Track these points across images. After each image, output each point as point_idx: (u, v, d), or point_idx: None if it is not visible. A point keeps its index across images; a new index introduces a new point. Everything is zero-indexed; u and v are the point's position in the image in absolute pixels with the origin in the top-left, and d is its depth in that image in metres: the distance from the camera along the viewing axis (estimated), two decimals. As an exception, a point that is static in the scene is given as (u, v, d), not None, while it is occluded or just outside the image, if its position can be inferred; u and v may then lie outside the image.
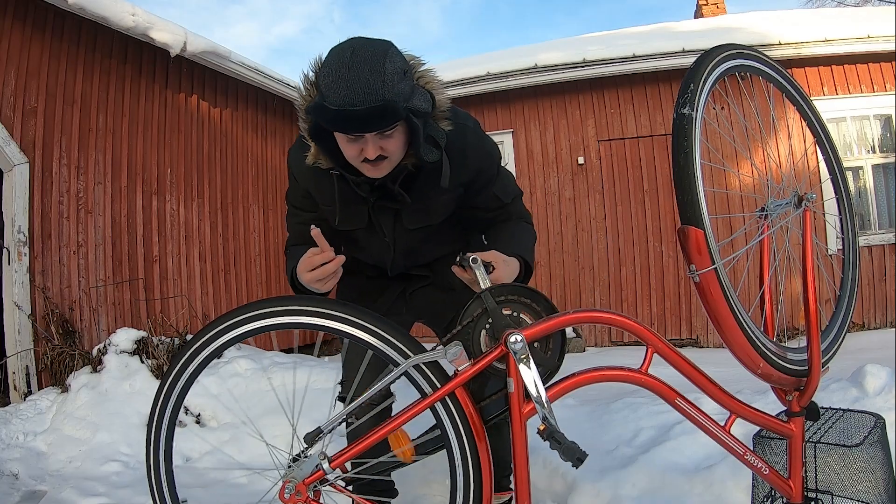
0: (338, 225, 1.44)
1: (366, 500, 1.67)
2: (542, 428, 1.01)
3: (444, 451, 1.12)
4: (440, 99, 1.28)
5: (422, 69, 1.28)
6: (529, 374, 1.04)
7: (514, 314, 1.12)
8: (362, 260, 1.59)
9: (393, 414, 1.16)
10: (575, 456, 0.98)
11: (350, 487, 1.42)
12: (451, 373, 1.12)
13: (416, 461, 1.18)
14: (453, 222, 1.50)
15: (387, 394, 1.54)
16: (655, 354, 1.09)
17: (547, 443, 1.02)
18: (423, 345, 1.14)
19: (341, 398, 1.57)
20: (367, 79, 1.09)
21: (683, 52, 5.53)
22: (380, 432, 1.12)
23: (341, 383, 1.64)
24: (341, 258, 1.25)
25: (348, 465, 1.19)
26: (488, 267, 1.22)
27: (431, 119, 1.27)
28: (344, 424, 1.18)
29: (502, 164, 1.50)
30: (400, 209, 1.41)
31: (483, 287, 1.14)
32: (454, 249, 1.53)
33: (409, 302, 1.62)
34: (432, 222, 1.44)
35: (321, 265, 1.24)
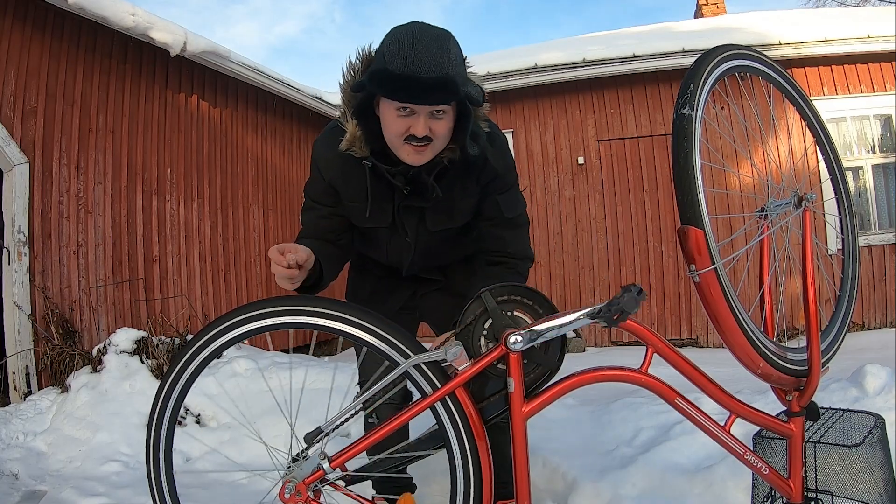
0: (362, 223, 1.44)
1: (382, 498, 1.71)
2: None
3: (445, 450, 1.12)
4: (482, 103, 1.31)
5: (470, 69, 1.30)
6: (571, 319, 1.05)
7: (515, 314, 1.12)
8: (376, 259, 1.59)
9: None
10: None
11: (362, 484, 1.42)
12: (451, 373, 1.12)
13: None
14: (469, 227, 1.51)
15: (405, 393, 1.55)
16: (655, 354, 1.09)
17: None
18: (424, 345, 1.14)
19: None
20: (434, 52, 1.13)
21: (683, 52, 5.53)
22: (381, 431, 1.12)
23: (360, 384, 1.66)
24: (293, 272, 1.23)
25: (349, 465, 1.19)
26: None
27: (475, 116, 1.29)
28: (351, 422, 1.18)
29: (518, 187, 1.51)
30: (425, 210, 1.41)
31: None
32: (468, 255, 1.54)
33: (419, 304, 1.63)
34: (454, 224, 1.45)
35: (276, 262, 1.22)
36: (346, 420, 1.14)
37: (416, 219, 1.43)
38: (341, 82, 1.31)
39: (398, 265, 1.54)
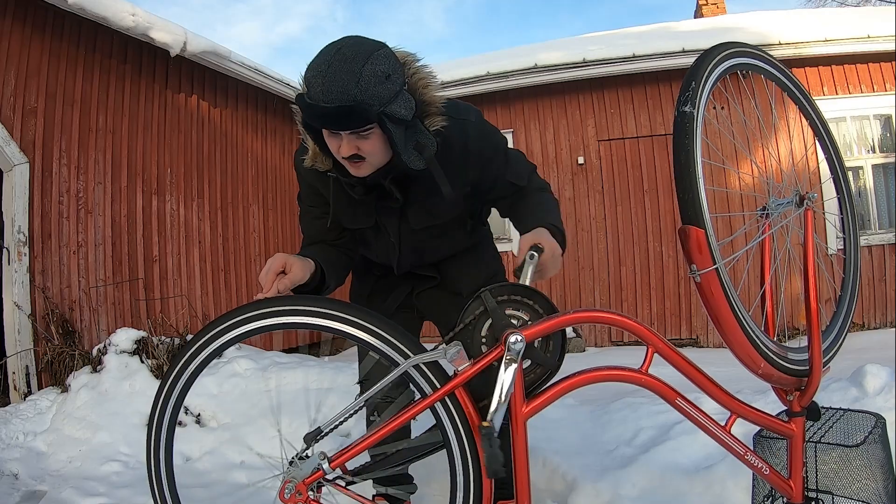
0: (346, 225, 1.46)
1: (383, 497, 1.71)
2: (486, 424, 1.00)
3: (444, 450, 1.12)
4: (432, 96, 1.27)
5: (416, 65, 1.26)
6: (507, 377, 1.03)
7: (515, 314, 1.12)
8: (371, 259, 1.60)
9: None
10: (494, 465, 0.98)
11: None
12: (451, 373, 1.12)
13: None
14: (461, 221, 1.50)
15: (408, 395, 1.55)
16: (655, 354, 1.09)
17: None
18: (424, 345, 1.14)
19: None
20: (342, 78, 1.10)
21: (683, 52, 5.53)
22: (380, 431, 1.12)
23: (361, 383, 1.66)
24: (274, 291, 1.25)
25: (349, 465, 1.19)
26: (539, 250, 1.19)
27: (421, 123, 1.25)
28: (351, 422, 1.19)
29: (511, 148, 1.49)
30: (405, 209, 1.40)
31: (525, 280, 1.14)
32: (462, 249, 1.54)
33: (417, 302, 1.63)
34: (438, 222, 1.44)
35: (266, 278, 1.24)
36: (346, 419, 1.14)
37: (396, 219, 1.43)
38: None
39: (389, 264, 1.55)
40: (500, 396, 1.02)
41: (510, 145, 1.50)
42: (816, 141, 1.48)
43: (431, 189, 1.34)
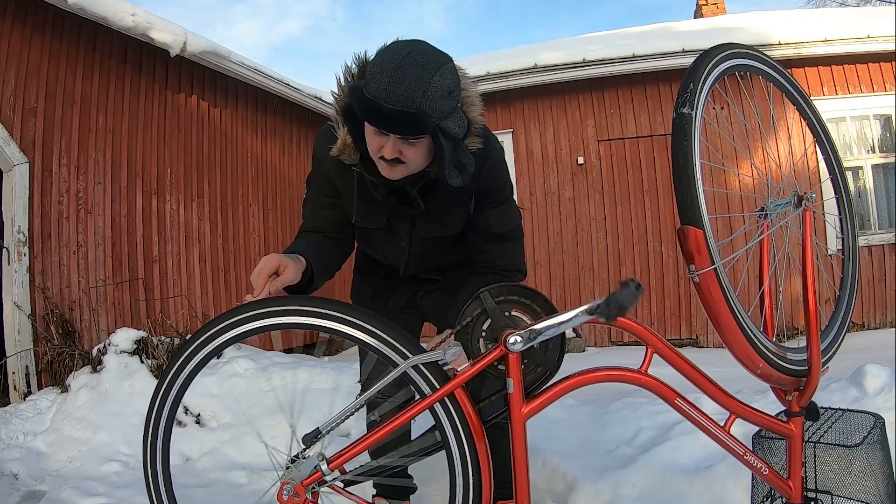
0: (356, 222, 1.46)
1: (382, 497, 1.72)
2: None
3: (444, 451, 1.12)
4: (475, 117, 1.27)
5: (466, 80, 1.26)
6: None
7: (514, 314, 1.12)
8: (376, 259, 1.60)
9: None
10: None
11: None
12: (450, 374, 1.12)
13: None
14: (464, 234, 1.50)
15: (408, 391, 1.55)
16: (655, 354, 1.09)
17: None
18: (423, 345, 1.14)
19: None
20: (409, 83, 1.09)
21: (683, 52, 5.53)
22: (380, 432, 1.12)
23: (362, 384, 1.66)
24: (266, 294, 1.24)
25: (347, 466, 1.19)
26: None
27: (463, 143, 1.24)
28: (351, 422, 1.19)
29: (513, 201, 1.49)
30: (417, 216, 1.41)
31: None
32: (464, 258, 1.55)
33: (420, 304, 1.64)
34: (445, 233, 1.45)
35: (258, 280, 1.22)
36: (344, 420, 1.14)
37: (409, 224, 1.43)
38: (335, 90, 1.29)
39: (396, 265, 1.55)
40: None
41: (511, 145, 1.50)
42: (815, 142, 1.48)
43: (448, 203, 1.36)
